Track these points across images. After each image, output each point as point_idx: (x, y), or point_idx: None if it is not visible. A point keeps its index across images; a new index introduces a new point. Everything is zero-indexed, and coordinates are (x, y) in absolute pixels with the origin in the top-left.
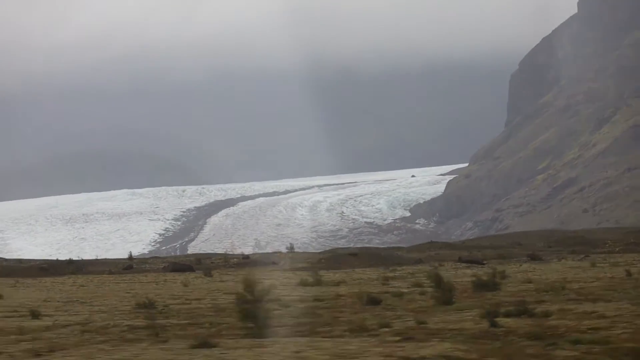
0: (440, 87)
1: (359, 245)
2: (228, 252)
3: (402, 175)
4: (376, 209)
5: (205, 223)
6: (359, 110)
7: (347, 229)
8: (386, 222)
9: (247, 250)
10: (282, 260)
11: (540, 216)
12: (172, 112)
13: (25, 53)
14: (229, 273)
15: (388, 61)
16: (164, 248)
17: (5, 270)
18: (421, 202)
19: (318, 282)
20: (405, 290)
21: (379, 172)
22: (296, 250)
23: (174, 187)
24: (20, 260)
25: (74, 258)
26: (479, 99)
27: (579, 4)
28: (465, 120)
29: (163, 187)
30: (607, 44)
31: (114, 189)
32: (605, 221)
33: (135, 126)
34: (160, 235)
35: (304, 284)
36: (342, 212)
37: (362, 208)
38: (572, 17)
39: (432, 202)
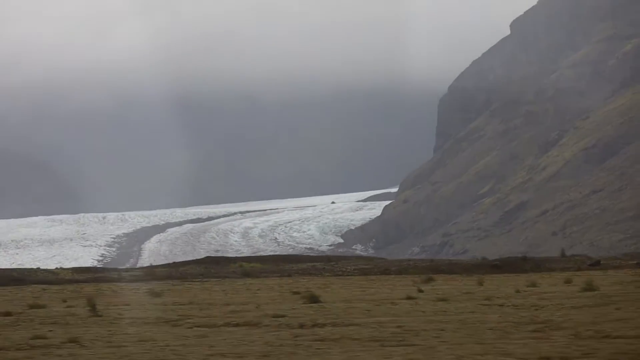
0: (347, 115)
1: None
2: None
3: (319, 202)
4: (308, 235)
5: (140, 249)
6: (264, 139)
7: None
8: (321, 247)
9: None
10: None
11: (501, 240)
12: (72, 138)
13: None
14: None
15: (294, 88)
16: None
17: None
18: (352, 228)
19: None
20: None
21: (293, 199)
22: None
23: (93, 214)
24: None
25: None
26: (385, 127)
27: (511, 26)
28: (375, 147)
29: (81, 214)
30: (543, 67)
31: (24, 217)
32: (579, 243)
33: (35, 153)
34: (98, 261)
35: None
36: (276, 239)
37: (294, 234)
38: (503, 40)
39: (365, 227)
